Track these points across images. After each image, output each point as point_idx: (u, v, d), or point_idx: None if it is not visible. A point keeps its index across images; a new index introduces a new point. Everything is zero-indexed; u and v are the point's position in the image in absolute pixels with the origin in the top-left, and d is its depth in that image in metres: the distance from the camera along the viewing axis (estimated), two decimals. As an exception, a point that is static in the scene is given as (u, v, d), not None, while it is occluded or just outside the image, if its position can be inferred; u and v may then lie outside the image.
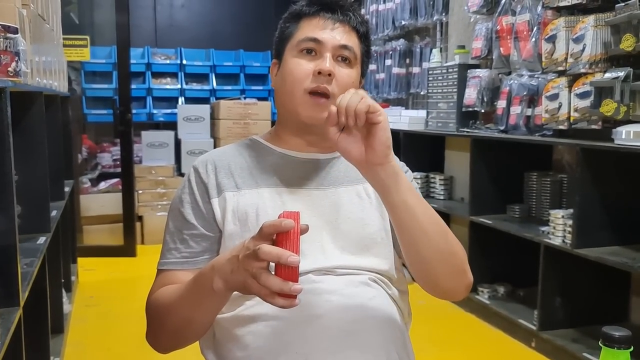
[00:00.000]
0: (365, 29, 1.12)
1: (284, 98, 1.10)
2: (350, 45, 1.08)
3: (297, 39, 1.08)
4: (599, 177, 2.45)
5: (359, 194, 1.11)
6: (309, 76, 1.06)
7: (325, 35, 1.07)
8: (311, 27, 1.08)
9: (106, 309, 3.24)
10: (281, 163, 1.12)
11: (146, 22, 5.71)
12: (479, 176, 3.17)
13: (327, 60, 1.05)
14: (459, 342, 2.75)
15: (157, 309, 1.03)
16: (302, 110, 1.07)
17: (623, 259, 2.29)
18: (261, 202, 1.06)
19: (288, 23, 1.13)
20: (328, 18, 1.08)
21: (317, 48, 1.07)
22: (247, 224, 1.04)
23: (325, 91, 1.05)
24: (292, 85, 1.07)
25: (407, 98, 4.44)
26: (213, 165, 1.11)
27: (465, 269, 1.04)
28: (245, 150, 1.15)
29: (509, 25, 3.07)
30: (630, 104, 2.26)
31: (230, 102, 5.01)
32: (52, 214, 2.17)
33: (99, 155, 5.12)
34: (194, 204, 1.08)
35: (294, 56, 1.08)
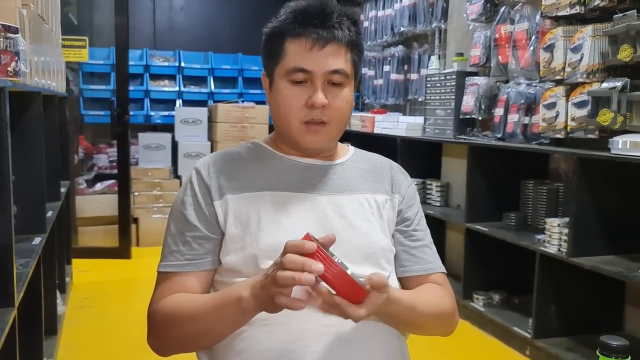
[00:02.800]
0: (354, 37, 1.07)
1: (280, 123, 1.10)
2: (340, 68, 1.04)
3: (286, 67, 1.05)
4: (595, 187, 2.46)
5: (361, 203, 1.11)
6: (303, 108, 1.04)
7: (314, 64, 1.03)
8: (298, 53, 1.04)
9: (100, 311, 3.22)
10: (283, 167, 1.12)
11: (145, 24, 5.71)
12: (476, 183, 3.18)
13: (319, 93, 1.03)
14: (453, 349, 2.75)
15: (167, 319, 1.02)
16: (300, 138, 1.07)
17: (618, 268, 2.30)
18: (263, 206, 1.06)
19: (272, 43, 1.08)
20: (315, 40, 1.03)
21: (307, 77, 1.04)
22: (248, 227, 1.04)
23: (321, 121, 1.06)
24: (286, 116, 1.07)
25: (404, 104, 4.46)
26: (215, 167, 1.10)
27: (454, 320, 1.15)
28: (248, 154, 1.14)
29: (507, 34, 3.08)
30: (627, 114, 2.27)
31: (228, 105, 5.01)
32: (48, 215, 2.16)
33: (96, 156, 5.11)
34: (197, 205, 1.07)
35: (285, 86, 1.06)
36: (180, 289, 1.04)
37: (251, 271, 1.01)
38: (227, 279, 1.05)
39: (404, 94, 4.36)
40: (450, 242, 3.76)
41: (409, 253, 1.14)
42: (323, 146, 1.10)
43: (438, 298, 1.10)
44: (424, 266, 1.13)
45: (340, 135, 1.13)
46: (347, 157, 1.18)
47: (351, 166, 1.16)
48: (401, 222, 1.15)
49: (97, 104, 5.11)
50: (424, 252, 1.14)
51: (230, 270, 1.05)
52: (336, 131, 1.09)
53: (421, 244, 1.15)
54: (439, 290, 1.12)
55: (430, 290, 1.10)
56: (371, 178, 1.16)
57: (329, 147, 1.14)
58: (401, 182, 1.19)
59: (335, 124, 1.07)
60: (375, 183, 1.15)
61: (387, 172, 1.19)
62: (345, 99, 1.07)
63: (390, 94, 4.48)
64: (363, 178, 1.15)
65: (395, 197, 1.15)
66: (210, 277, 1.08)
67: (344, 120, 1.10)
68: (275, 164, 1.12)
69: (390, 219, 1.14)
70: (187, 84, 5.52)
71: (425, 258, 1.14)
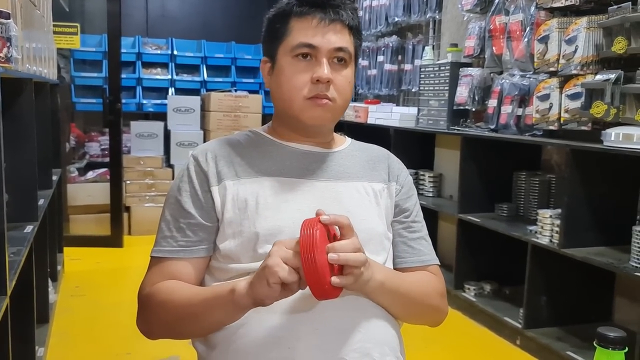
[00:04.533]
0: (356, 23, 1.10)
1: (282, 103, 1.09)
2: (344, 46, 1.06)
3: (291, 44, 1.06)
4: (587, 178, 2.47)
5: (358, 190, 1.12)
6: (307, 84, 1.05)
7: (320, 40, 1.05)
8: (303, 29, 1.05)
9: (92, 299, 3.21)
10: (282, 154, 1.12)
11: (137, 12, 5.65)
12: (468, 174, 3.18)
13: (325, 67, 1.04)
14: (444, 339, 2.77)
15: (159, 303, 1.02)
16: (304, 114, 1.07)
17: (609, 259, 2.32)
18: (261, 190, 1.06)
19: (277, 23, 1.09)
20: (320, 19, 1.05)
21: (312, 53, 1.05)
22: (246, 212, 1.04)
23: (325, 97, 1.06)
24: (290, 93, 1.06)
25: (398, 95, 4.45)
26: (213, 154, 1.10)
27: (443, 309, 1.16)
28: (246, 141, 1.15)
29: (502, 25, 3.08)
30: (621, 107, 2.28)
31: (221, 94, 4.98)
32: (40, 203, 2.15)
33: (87, 144, 5.07)
34: (193, 192, 1.07)
35: (290, 62, 1.06)
36: (172, 274, 1.05)
37: (249, 256, 1.02)
38: (224, 265, 1.05)
39: (398, 84, 4.35)
40: (443, 233, 3.78)
41: (407, 245, 1.15)
42: (325, 123, 1.10)
43: (424, 281, 1.12)
44: (420, 258, 1.15)
45: (341, 116, 1.14)
46: (345, 146, 1.19)
47: (349, 154, 1.17)
48: (400, 213, 1.16)
49: (89, 91, 5.06)
50: (420, 244, 1.16)
51: (227, 256, 1.05)
52: (339, 110, 1.10)
53: (418, 235, 1.17)
54: (427, 275, 1.14)
55: (417, 274, 1.13)
56: (368, 166, 1.17)
57: (328, 128, 1.15)
58: (399, 171, 1.20)
59: (339, 103, 1.08)
60: (372, 172, 1.16)
61: (384, 161, 1.20)
62: (348, 79, 1.08)
63: (384, 85, 4.46)
64: (360, 166, 1.16)
65: (392, 186, 1.16)
66: (204, 264, 1.08)
67: (346, 102, 1.10)
68: (274, 150, 1.13)
69: (388, 206, 1.15)
70: (179, 72, 5.48)
71: (421, 250, 1.16)
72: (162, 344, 1.16)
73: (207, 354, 1.04)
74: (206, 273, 1.08)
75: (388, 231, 1.13)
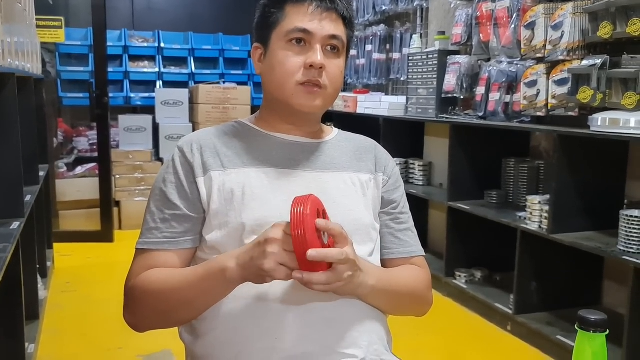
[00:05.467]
0: (350, 14, 1.11)
1: (273, 88, 1.09)
2: (338, 35, 1.07)
3: (285, 29, 1.06)
4: (575, 164, 2.48)
5: (345, 181, 1.12)
6: (300, 69, 1.05)
7: (315, 26, 1.05)
8: (299, 15, 1.05)
9: (83, 295, 3.20)
10: (268, 144, 1.12)
11: (123, 4, 5.59)
12: (458, 162, 3.19)
13: (318, 53, 1.04)
14: (436, 326, 2.78)
15: (147, 292, 1.02)
16: (295, 99, 1.06)
17: (597, 244, 2.33)
18: (247, 181, 1.05)
19: (273, 8, 1.09)
20: (316, 6, 1.05)
21: (306, 39, 1.05)
22: (232, 202, 1.04)
23: (317, 83, 1.05)
24: (282, 77, 1.06)
25: (387, 84, 4.44)
26: (199, 144, 1.09)
27: (428, 301, 1.17)
28: (232, 132, 1.14)
29: (489, 12, 3.07)
30: (607, 92, 2.29)
31: (209, 87, 4.95)
32: (26, 199, 2.12)
33: (76, 139, 5.03)
34: (178, 183, 1.07)
35: (283, 47, 1.06)
36: (158, 266, 1.04)
37: (235, 247, 1.01)
38: (210, 256, 1.04)
39: (387, 73, 4.34)
40: (433, 221, 3.79)
41: (395, 236, 1.16)
42: (316, 111, 1.10)
43: (412, 276, 1.13)
44: (407, 249, 1.16)
45: (331, 104, 1.13)
46: (332, 136, 1.19)
47: (336, 145, 1.17)
48: (388, 204, 1.16)
49: (76, 86, 5.02)
50: (407, 236, 1.17)
51: (214, 248, 1.04)
52: (329, 98, 1.09)
53: (405, 227, 1.17)
54: (415, 270, 1.14)
55: (405, 270, 1.13)
56: (355, 157, 1.16)
57: (318, 116, 1.15)
58: (386, 162, 1.20)
59: (330, 90, 1.08)
60: (359, 162, 1.16)
61: (371, 151, 1.19)
62: (339, 67, 1.09)
63: (372, 74, 4.45)
64: (347, 157, 1.16)
65: (379, 176, 1.16)
66: (190, 255, 1.07)
67: (336, 91, 1.10)
68: (260, 141, 1.12)
69: (375, 197, 1.15)
70: (167, 65, 5.45)
71: (408, 241, 1.17)
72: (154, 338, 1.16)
73: (193, 345, 1.04)
74: (192, 264, 1.08)
75: (375, 222, 1.13)
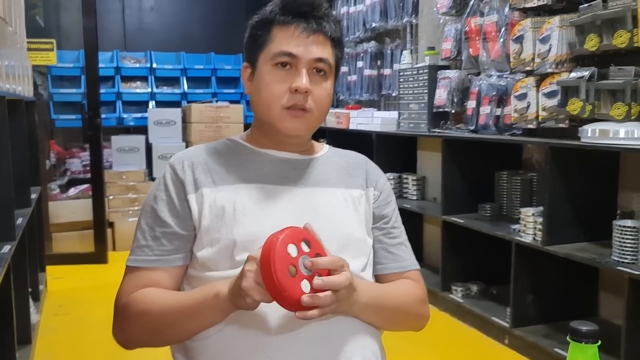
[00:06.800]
0: (338, 34, 1.11)
1: (260, 109, 1.09)
2: (325, 58, 1.07)
3: (272, 52, 1.06)
4: (567, 175, 2.49)
5: (336, 197, 1.11)
6: (286, 93, 1.05)
7: (300, 50, 1.05)
8: (285, 38, 1.05)
9: (76, 318, 3.16)
10: (259, 161, 1.11)
11: (115, 26, 5.63)
12: (451, 176, 3.19)
13: (303, 77, 1.04)
14: (433, 341, 2.76)
15: (139, 312, 1.01)
16: (280, 123, 1.07)
17: (591, 255, 2.33)
18: (238, 197, 1.05)
19: (260, 30, 1.09)
20: (303, 29, 1.05)
21: (292, 62, 1.05)
22: (223, 219, 1.03)
23: (303, 107, 1.05)
24: (268, 100, 1.06)
25: (379, 100, 4.46)
26: (190, 161, 1.09)
27: (425, 315, 1.15)
28: (223, 148, 1.14)
29: (477, 27, 3.10)
30: (596, 103, 2.30)
31: (202, 106, 4.97)
32: (17, 222, 2.11)
33: (68, 161, 5.02)
34: (169, 201, 1.06)
35: (269, 70, 1.06)
36: (148, 284, 1.03)
37: (226, 264, 1.01)
38: (201, 273, 1.04)
39: (378, 89, 4.37)
40: (428, 235, 3.78)
41: (388, 251, 1.15)
42: (302, 134, 1.10)
43: (406, 291, 1.12)
44: (400, 264, 1.15)
45: (318, 127, 1.13)
46: (323, 153, 1.19)
47: (327, 161, 1.17)
48: (380, 219, 1.16)
49: (68, 107, 5.03)
50: (401, 250, 1.16)
51: (204, 264, 1.04)
52: (316, 121, 1.09)
53: (398, 241, 1.17)
54: (409, 284, 1.13)
55: (398, 285, 1.12)
56: (346, 173, 1.16)
57: (306, 138, 1.15)
58: (377, 177, 1.19)
59: (316, 114, 1.08)
60: (351, 178, 1.16)
61: (362, 167, 1.19)
62: (326, 90, 1.08)
63: (364, 90, 4.48)
64: (338, 173, 1.15)
65: (370, 191, 1.16)
66: (181, 273, 1.07)
67: (323, 113, 1.10)
68: (251, 158, 1.12)
69: (367, 212, 1.14)
70: (159, 85, 5.47)
71: (402, 256, 1.16)
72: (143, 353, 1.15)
73: None
74: (184, 282, 1.07)
75: (367, 237, 1.13)
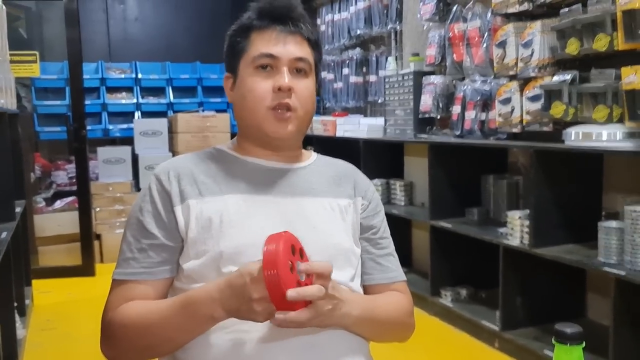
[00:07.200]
0: (316, 37, 1.12)
1: (246, 114, 1.09)
2: (304, 57, 1.08)
3: (252, 55, 1.07)
4: (552, 178, 2.51)
5: (324, 206, 1.11)
6: (269, 93, 1.05)
7: (280, 50, 1.06)
8: (264, 41, 1.07)
9: (64, 332, 3.12)
10: (246, 171, 1.11)
11: (99, 37, 5.60)
12: (438, 181, 3.21)
13: (285, 75, 1.05)
14: (423, 346, 2.76)
15: (126, 327, 1.00)
16: (267, 125, 1.07)
17: (578, 256, 2.35)
18: (225, 208, 1.04)
19: (238, 37, 1.10)
20: (280, 31, 1.07)
21: (272, 63, 1.06)
22: (210, 230, 1.02)
23: (288, 106, 1.05)
24: (253, 103, 1.06)
25: (365, 106, 4.48)
26: (176, 172, 1.08)
27: (411, 326, 1.16)
28: (209, 158, 1.13)
29: (460, 32, 3.13)
30: (578, 106, 2.33)
31: (188, 115, 4.96)
32: (2, 236, 2.09)
33: (54, 173, 4.97)
34: (155, 212, 1.05)
35: (251, 74, 1.07)
36: (135, 297, 1.02)
37: (213, 276, 1.00)
38: (187, 285, 1.03)
39: (364, 96, 4.39)
40: (416, 240, 3.79)
41: (375, 261, 1.15)
42: (289, 137, 1.09)
43: (395, 304, 1.12)
44: (388, 275, 1.15)
45: (305, 129, 1.13)
46: (310, 162, 1.18)
47: (314, 170, 1.16)
48: (368, 229, 1.16)
49: (53, 119, 4.99)
50: (388, 261, 1.16)
51: (190, 277, 1.03)
52: (302, 122, 1.09)
53: (386, 252, 1.17)
54: (397, 297, 1.14)
55: (388, 297, 1.12)
56: (334, 182, 1.16)
57: (294, 142, 1.13)
58: (366, 187, 1.19)
59: (301, 113, 1.08)
60: (338, 187, 1.15)
61: (350, 176, 1.19)
62: (309, 89, 1.09)
63: (350, 97, 4.50)
64: (326, 182, 1.15)
65: (358, 201, 1.16)
66: (167, 285, 1.06)
67: (309, 113, 1.10)
68: (237, 168, 1.11)
69: (354, 222, 1.14)
70: (145, 95, 5.44)
71: (389, 267, 1.16)
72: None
73: None
74: (170, 294, 1.06)
75: (355, 246, 1.12)
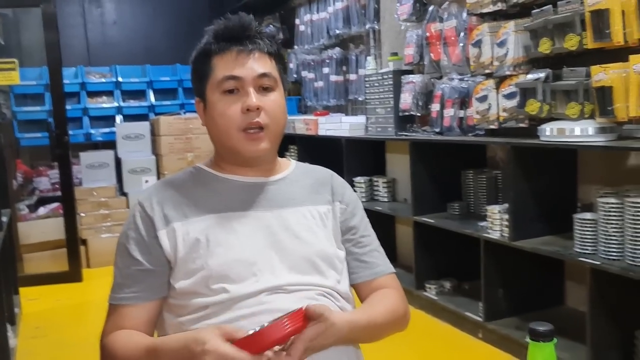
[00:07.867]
0: (275, 49, 1.14)
1: (220, 137, 1.12)
2: (268, 72, 1.10)
3: (216, 80, 1.09)
4: (529, 172, 2.60)
5: (304, 215, 1.15)
6: (239, 115, 1.08)
7: (242, 71, 1.08)
8: (225, 64, 1.09)
9: (54, 339, 3.14)
10: (226, 188, 1.14)
11: (77, 41, 5.58)
12: (419, 177, 3.28)
13: (252, 96, 1.08)
14: (409, 338, 2.82)
15: (113, 357, 1.04)
16: (241, 146, 1.10)
17: (555, 247, 2.44)
18: (210, 228, 1.08)
19: (200, 64, 1.13)
20: (239, 51, 1.09)
21: (238, 85, 1.08)
22: (198, 250, 1.07)
23: (259, 125, 1.09)
24: (225, 126, 1.09)
25: (346, 105, 4.53)
26: (158, 197, 1.12)
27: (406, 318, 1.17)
28: (190, 180, 1.17)
29: (437, 32, 3.20)
30: (552, 103, 2.41)
31: (170, 118, 4.97)
32: (-8, 247, 2.10)
33: (36, 179, 4.94)
34: (139, 239, 1.09)
35: (219, 98, 1.09)
36: (129, 320, 1.07)
37: (204, 292, 1.05)
38: (182, 301, 1.07)
39: (345, 94, 4.44)
40: (400, 236, 3.87)
41: (359, 260, 1.18)
42: (265, 154, 1.13)
43: (389, 302, 1.14)
44: (374, 270, 1.18)
45: (279, 141, 1.16)
46: (288, 172, 1.21)
47: (292, 180, 1.20)
48: (347, 231, 1.19)
49: (33, 125, 4.96)
50: (373, 257, 1.20)
51: (184, 294, 1.07)
52: (275, 136, 1.12)
53: (369, 249, 1.20)
54: (390, 295, 1.16)
55: (382, 299, 1.14)
56: (312, 190, 1.20)
57: (270, 156, 1.16)
58: (343, 190, 1.23)
59: (273, 128, 1.10)
60: (317, 195, 1.19)
61: (327, 182, 1.23)
62: (277, 102, 1.11)
63: (331, 95, 4.55)
64: (305, 191, 1.19)
65: (336, 205, 1.20)
66: (158, 306, 1.10)
67: (280, 125, 1.13)
68: (218, 186, 1.15)
69: (335, 227, 1.18)
70: (126, 99, 5.43)
71: (374, 262, 1.19)
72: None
73: None
74: (165, 310, 1.11)
75: (339, 250, 1.16)
